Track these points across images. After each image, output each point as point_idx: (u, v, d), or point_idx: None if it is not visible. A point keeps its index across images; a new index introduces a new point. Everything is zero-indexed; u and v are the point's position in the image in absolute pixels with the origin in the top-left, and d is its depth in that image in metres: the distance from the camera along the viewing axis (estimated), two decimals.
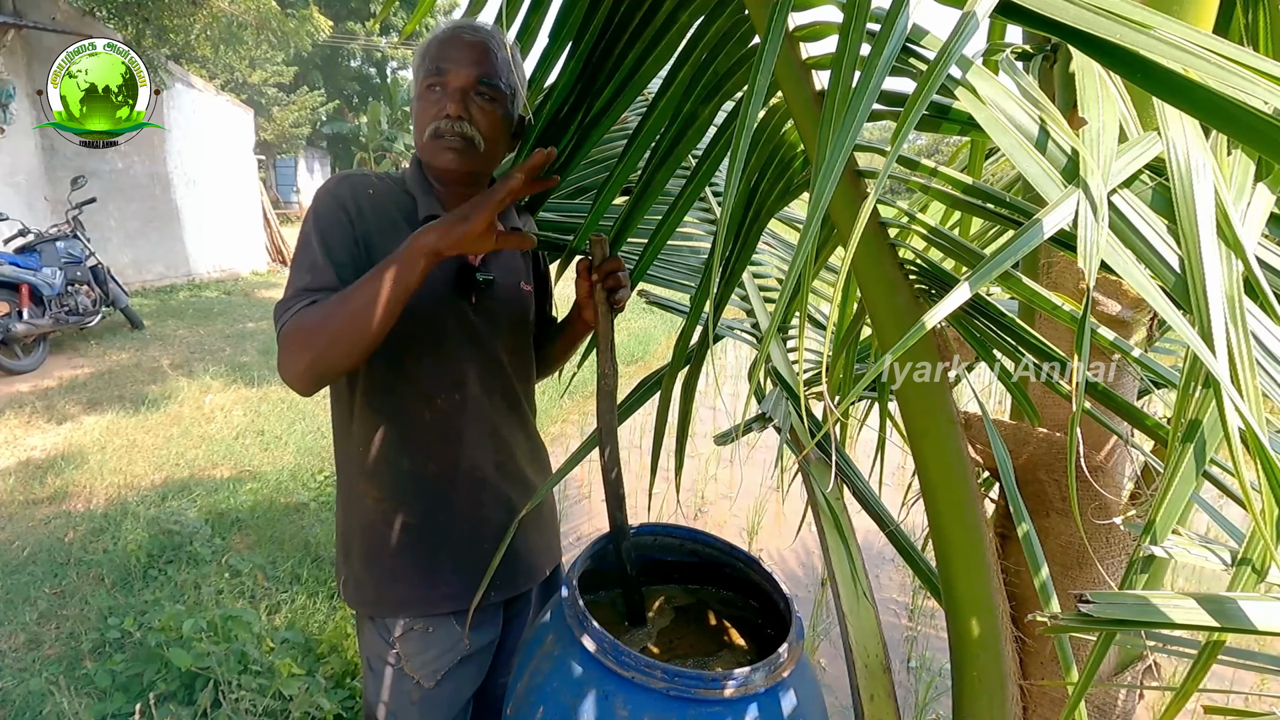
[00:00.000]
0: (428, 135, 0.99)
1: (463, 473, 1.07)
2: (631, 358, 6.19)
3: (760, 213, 1.03)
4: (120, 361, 5.49)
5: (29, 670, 2.03)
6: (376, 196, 1.01)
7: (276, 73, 20.20)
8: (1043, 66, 0.82)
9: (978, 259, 0.69)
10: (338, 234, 0.96)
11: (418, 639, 1.06)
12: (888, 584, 2.89)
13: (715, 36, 0.93)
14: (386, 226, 1.00)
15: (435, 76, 0.98)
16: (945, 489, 0.78)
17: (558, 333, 1.24)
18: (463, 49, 0.97)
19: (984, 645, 0.77)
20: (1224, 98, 0.42)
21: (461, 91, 0.98)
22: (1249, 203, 0.51)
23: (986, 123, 0.51)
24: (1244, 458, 0.44)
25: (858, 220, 0.46)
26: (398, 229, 1.00)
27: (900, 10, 0.51)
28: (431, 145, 0.99)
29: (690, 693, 0.84)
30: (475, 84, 0.98)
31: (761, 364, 1.24)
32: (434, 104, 0.98)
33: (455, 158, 0.99)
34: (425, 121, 0.99)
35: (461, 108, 0.98)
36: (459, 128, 0.98)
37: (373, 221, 0.99)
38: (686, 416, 1.30)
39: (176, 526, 2.80)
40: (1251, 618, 0.47)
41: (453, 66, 0.97)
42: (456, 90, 0.97)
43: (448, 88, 0.98)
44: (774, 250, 1.82)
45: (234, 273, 10.63)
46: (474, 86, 0.98)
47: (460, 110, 0.97)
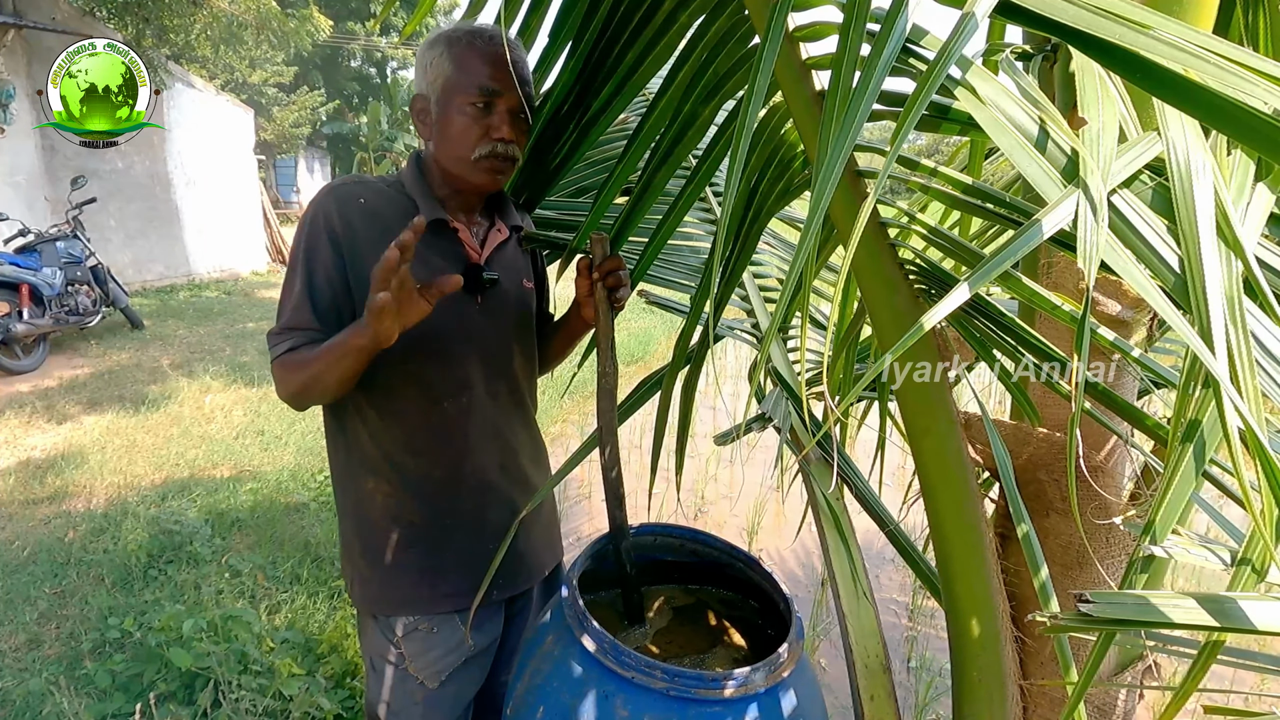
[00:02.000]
0: (479, 155, 0.99)
1: (468, 475, 1.07)
2: (631, 357, 6.19)
3: (760, 213, 1.03)
4: (120, 361, 5.49)
5: (29, 670, 2.03)
6: (368, 205, 1.01)
7: (276, 73, 20.20)
8: (1043, 67, 0.82)
9: (978, 259, 0.69)
10: (319, 260, 0.97)
11: (422, 639, 1.06)
12: (888, 584, 2.89)
13: (715, 36, 0.93)
14: (379, 236, 0.98)
15: (486, 96, 0.98)
16: (945, 489, 0.78)
17: (556, 330, 1.24)
18: (509, 71, 0.98)
19: (984, 645, 0.77)
20: (1224, 98, 0.42)
21: (513, 113, 1.00)
22: (1249, 203, 0.51)
23: (986, 123, 0.51)
24: (1244, 458, 0.44)
25: (858, 220, 0.46)
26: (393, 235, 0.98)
27: (900, 10, 0.51)
28: (479, 165, 1.00)
29: (690, 693, 0.84)
30: (521, 106, 1.00)
31: (762, 364, 1.24)
32: (484, 124, 0.99)
33: (500, 178, 1.02)
34: (472, 140, 0.99)
35: (515, 131, 1.00)
36: (511, 151, 1.00)
37: (363, 232, 0.99)
38: (687, 416, 1.30)
39: (176, 526, 2.80)
40: (1251, 618, 0.47)
41: (504, 89, 0.98)
42: (508, 112, 0.99)
43: (497, 109, 0.99)
44: (774, 250, 1.82)
45: (234, 273, 10.63)
46: (520, 109, 1.00)
47: (514, 134, 1.00)
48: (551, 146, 1.16)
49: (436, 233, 1.02)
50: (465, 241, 1.05)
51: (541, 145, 1.16)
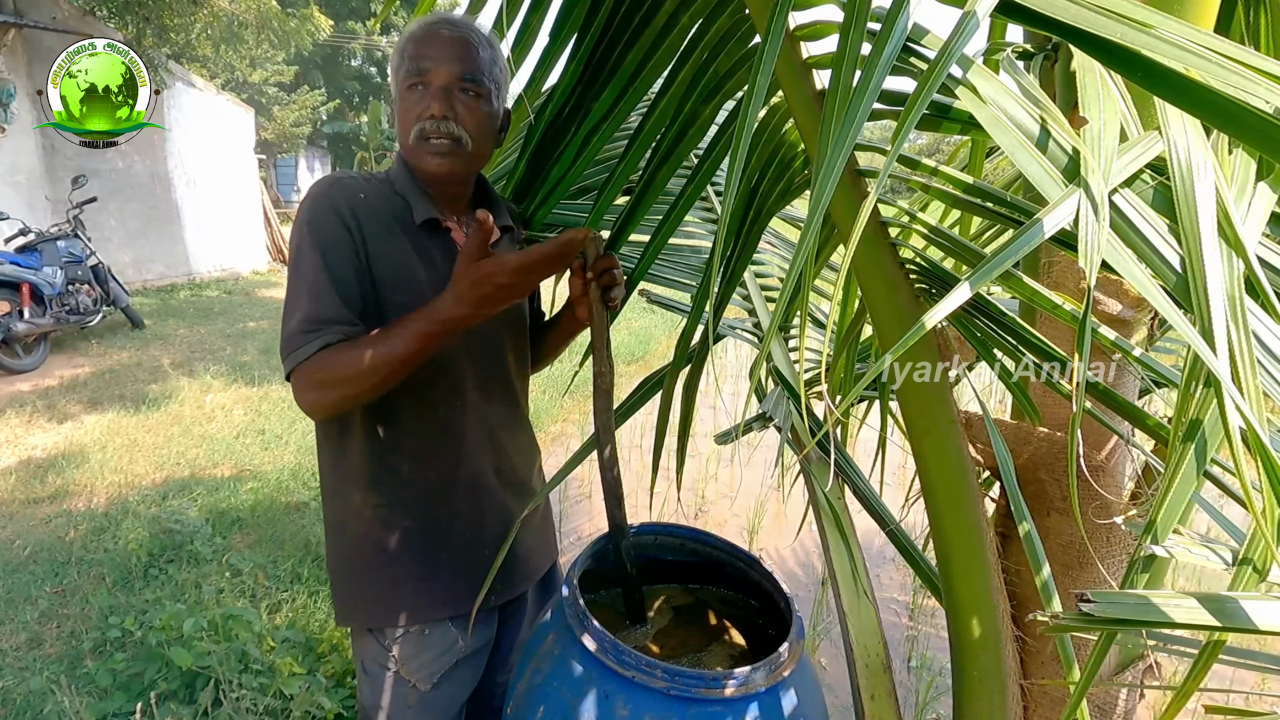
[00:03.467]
0: (413, 137, 0.96)
1: (463, 479, 1.06)
2: (631, 357, 6.18)
3: (761, 212, 1.03)
4: (121, 361, 5.49)
5: (30, 669, 2.03)
6: (369, 200, 0.98)
7: (277, 72, 20.19)
8: (1043, 66, 0.82)
9: (978, 258, 0.69)
10: (337, 248, 0.92)
11: (414, 641, 1.05)
12: (888, 583, 2.89)
13: (716, 36, 0.92)
14: (381, 231, 0.97)
15: (416, 76, 0.94)
16: (946, 488, 0.78)
17: (548, 329, 1.23)
18: (443, 45, 0.94)
19: (984, 645, 0.77)
20: (1225, 97, 0.42)
21: (445, 90, 0.94)
22: (1250, 202, 0.51)
23: (987, 122, 0.51)
24: (1245, 457, 0.43)
25: (858, 220, 0.46)
26: (392, 233, 0.98)
27: (900, 10, 0.51)
28: (418, 148, 0.96)
29: (691, 692, 0.84)
30: (459, 81, 0.95)
31: (762, 363, 1.24)
32: (417, 104, 0.95)
33: (443, 160, 0.96)
34: (409, 123, 0.96)
35: (446, 106, 0.94)
36: (445, 128, 0.94)
37: (368, 227, 0.96)
38: (688, 416, 1.30)
39: (177, 525, 2.80)
40: (1252, 617, 0.47)
41: (433, 65, 0.94)
42: (439, 89, 0.94)
43: (430, 86, 0.94)
44: (776, 249, 1.82)
45: (234, 272, 10.62)
46: (458, 84, 0.95)
47: (445, 109, 0.94)
48: (553, 150, 1.15)
49: (429, 232, 1.01)
50: (459, 242, 1.04)
51: (543, 148, 1.16)
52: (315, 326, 0.89)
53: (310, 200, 0.96)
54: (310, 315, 0.89)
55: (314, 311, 0.89)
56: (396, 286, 0.97)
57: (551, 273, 0.90)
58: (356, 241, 0.94)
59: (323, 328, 0.89)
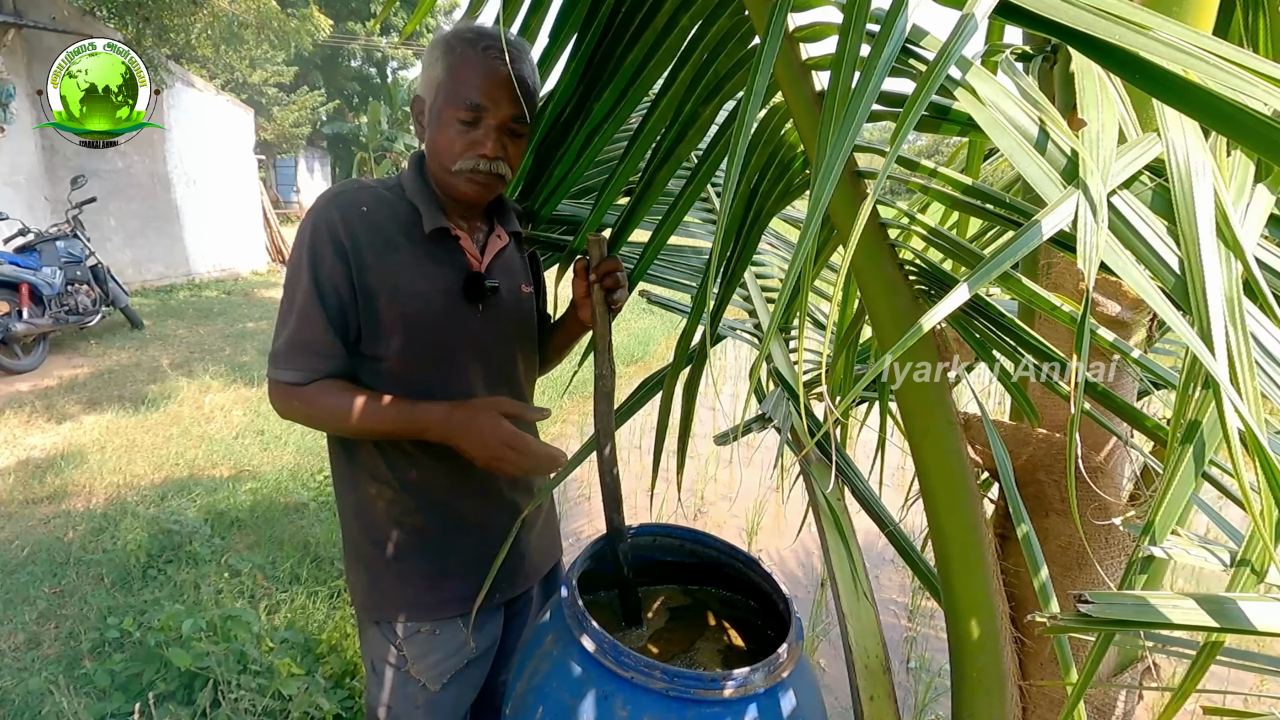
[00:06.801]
0: (461, 168, 0.97)
1: (472, 482, 1.06)
2: (631, 358, 6.18)
3: (761, 213, 1.03)
4: (120, 361, 5.49)
5: (28, 669, 2.03)
6: (371, 214, 0.98)
7: (277, 73, 20.21)
8: (1042, 68, 0.83)
9: (977, 259, 0.69)
10: (328, 271, 0.95)
11: (424, 641, 1.05)
12: (887, 584, 2.89)
13: (716, 37, 0.93)
14: (382, 246, 0.98)
15: (473, 111, 0.96)
16: (945, 489, 0.78)
17: (553, 331, 1.24)
18: (502, 87, 0.95)
19: (983, 646, 0.77)
20: (1223, 99, 0.42)
21: (499, 130, 0.97)
22: (1248, 204, 0.51)
23: (986, 124, 0.51)
24: (1243, 459, 0.44)
25: (857, 220, 0.46)
26: (394, 246, 0.98)
27: (900, 11, 0.51)
28: (462, 178, 0.98)
29: (689, 693, 0.84)
30: (510, 121, 0.98)
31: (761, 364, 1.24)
32: (468, 138, 0.97)
33: (482, 191, 1.00)
34: (457, 152, 0.97)
35: (499, 148, 0.98)
36: (495, 167, 0.98)
37: (366, 242, 0.97)
38: (688, 417, 1.30)
39: (176, 526, 2.80)
40: (1250, 618, 0.47)
41: (492, 105, 0.96)
42: (493, 129, 0.97)
43: (484, 124, 0.97)
44: (776, 250, 1.82)
45: (234, 272, 10.62)
46: (509, 123, 0.98)
47: (499, 150, 0.98)
48: (554, 152, 1.16)
49: (438, 241, 1.02)
50: (467, 250, 1.04)
51: (545, 149, 1.16)
52: (296, 351, 0.96)
53: (310, 218, 0.98)
54: (293, 338, 0.96)
55: (298, 334, 0.96)
56: (399, 298, 0.98)
57: (526, 473, 1.02)
58: (351, 264, 0.96)
59: (305, 356, 0.96)
